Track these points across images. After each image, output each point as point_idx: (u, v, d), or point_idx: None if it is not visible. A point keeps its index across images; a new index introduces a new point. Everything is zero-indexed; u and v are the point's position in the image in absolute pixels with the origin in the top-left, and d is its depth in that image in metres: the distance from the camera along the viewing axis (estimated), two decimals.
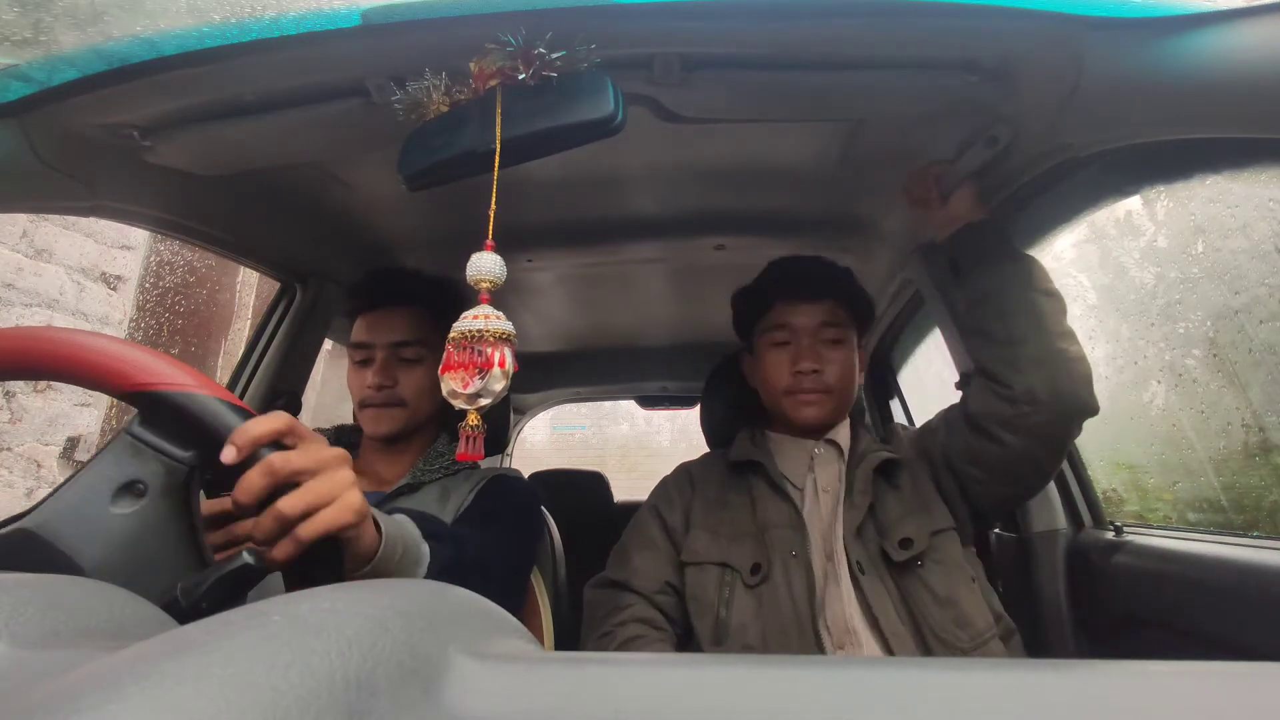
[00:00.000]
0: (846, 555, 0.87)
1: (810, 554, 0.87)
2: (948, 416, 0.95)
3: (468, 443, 0.61)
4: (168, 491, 0.44)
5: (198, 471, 0.45)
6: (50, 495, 0.43)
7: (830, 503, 0.92)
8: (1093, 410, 0.84)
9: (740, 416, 1.14)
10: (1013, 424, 0.84)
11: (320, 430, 1.03)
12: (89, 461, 0.44)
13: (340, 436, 1.03)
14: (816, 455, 0.97)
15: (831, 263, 1.03)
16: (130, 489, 0.43)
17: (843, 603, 0.84)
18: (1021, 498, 1.00)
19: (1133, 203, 1.37)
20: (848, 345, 0.98)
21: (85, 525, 0.42)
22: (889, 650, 0.80)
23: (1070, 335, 0.84)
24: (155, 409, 0.43)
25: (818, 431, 0.99)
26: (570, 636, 1.04)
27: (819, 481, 0.95)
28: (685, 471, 1.06)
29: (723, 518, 0.95)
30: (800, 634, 0.83)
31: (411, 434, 1.00)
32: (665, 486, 1.05)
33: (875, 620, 0.82)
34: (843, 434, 1.00)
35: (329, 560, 0.46)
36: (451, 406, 0.61)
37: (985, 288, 0.86)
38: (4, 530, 0.41)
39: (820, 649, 0.82)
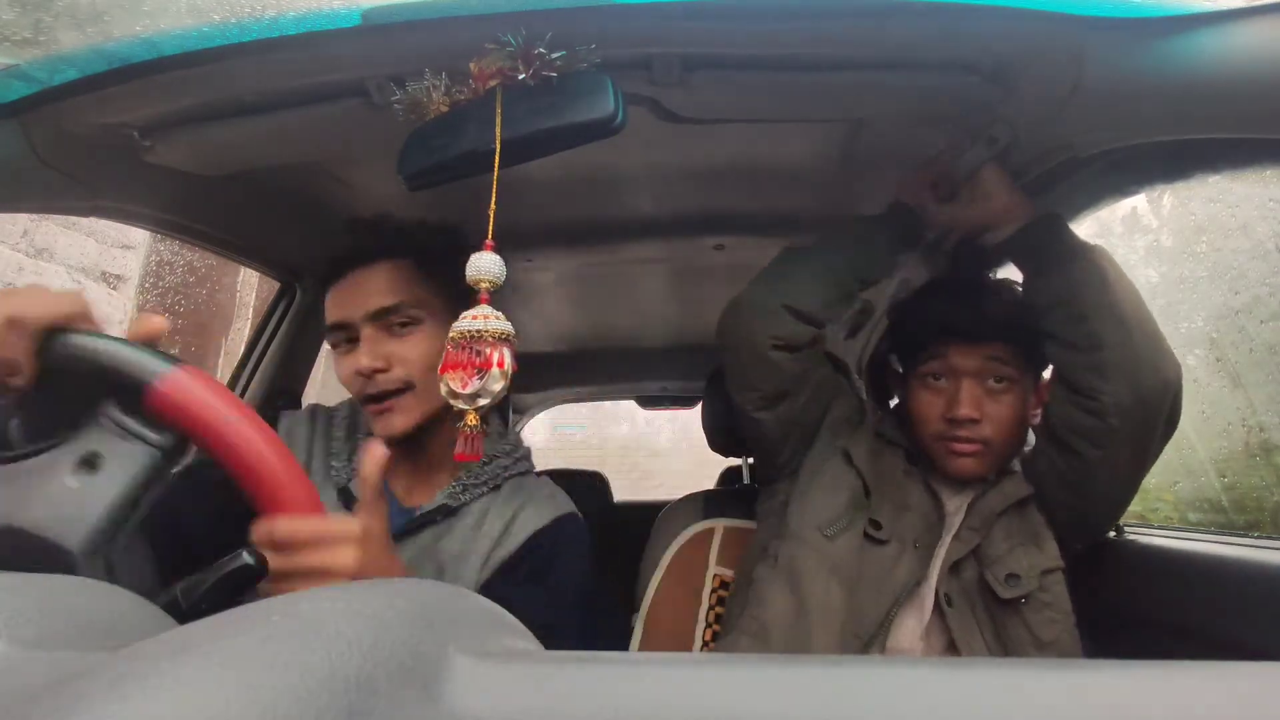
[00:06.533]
0: (936, 588, 0.80)
1: (932, 564, 0.81)
2: (1033, 446, 0.88)
3: (466, 443, 0.61)
4: (130, 471, 0.45)
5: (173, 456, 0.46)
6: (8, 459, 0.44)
7: (945, 527, 0.86)
8: (1177, 414, 0.78)
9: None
10: (1097, 436, 0.77)
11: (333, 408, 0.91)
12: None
13: (355, 413, 0.87)
14: (959, 490, 0.88)
15: (1005, 290, 0.89)
16: (88, 463, 0.44)
17: (914, 636, 0.79)
18: (1107, 521, 0.91)
19: (1130, 203, 1.37)
20: (1018, 390, 0.84)
21: (37, 491, 0.43)
22: None
23: (1154, 332, 0.76)
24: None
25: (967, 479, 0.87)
26: None
27: (947, 506, 0.87)
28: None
29: (883, 470, 0.88)
30: (873, 610, 0.79)
31: (438, 426, 0.81)
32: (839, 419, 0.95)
33: (958, 654, 0.76)
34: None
35: None
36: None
37: (1056, 293, 0.78)
38: None
39: (867, 642, 0.78)
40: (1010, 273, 0.93)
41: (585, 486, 2.33)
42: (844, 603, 0.81)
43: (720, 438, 1.29)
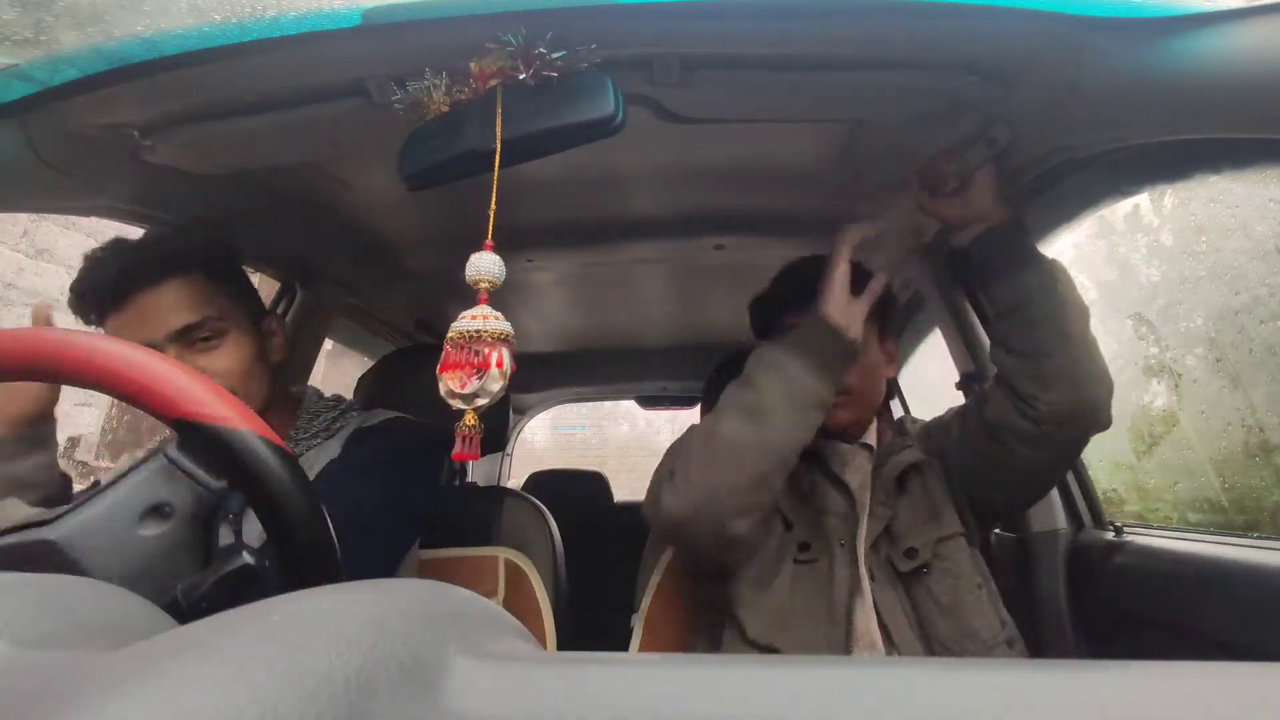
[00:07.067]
0: (864, 561, 0.86)
1: (858, 548, 0.86)
2: (964, 418, 0.93)
3: (464, 443, 0.61)
4: (194, 517, 0.45)
5: (223, 501, 0.46)
6: (75, 506, 0.43)
7: (859, 509, 0.91)
8: (1106, 426, 0.83)
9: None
10: (1030, 439, 0.82)
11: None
12: (119, 477, 0.44)
13: None
14: (850, 461, 0.95)
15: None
16: (158, 510, 0.44)
17: (867, 615, 0.83)
18: (1025, 505, 1.00)
19: (1131, 202, 1.37)
20: (867, 340, 0.93)
21: (109, 542, 0.42)
22: None
23: (1095, 349, 0.81)
24: (196, 437, 0.44)
25: (848, 435, 0.96)
26: (571, 636, 1.04)
27: (853, 485, 0.93)
28: None
29: (789, 494, 0.92)
30: (831, 624, 0.82)
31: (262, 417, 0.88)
32: None
33: (887, 629, 0.81)
34: (872, 434, 0.97)
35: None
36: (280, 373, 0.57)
37: (1012, 299, 0.82)
38: (27, 538, 0.41)
39: (847, 643, 0.81)
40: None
41: (585, 486, 2.33)
42: (810, 631, 0.83)
43: None
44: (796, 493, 0.93)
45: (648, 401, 2.63)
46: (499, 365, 0.60)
